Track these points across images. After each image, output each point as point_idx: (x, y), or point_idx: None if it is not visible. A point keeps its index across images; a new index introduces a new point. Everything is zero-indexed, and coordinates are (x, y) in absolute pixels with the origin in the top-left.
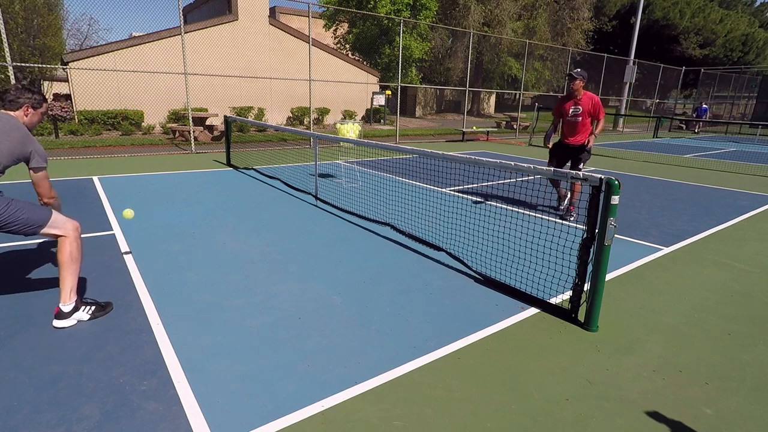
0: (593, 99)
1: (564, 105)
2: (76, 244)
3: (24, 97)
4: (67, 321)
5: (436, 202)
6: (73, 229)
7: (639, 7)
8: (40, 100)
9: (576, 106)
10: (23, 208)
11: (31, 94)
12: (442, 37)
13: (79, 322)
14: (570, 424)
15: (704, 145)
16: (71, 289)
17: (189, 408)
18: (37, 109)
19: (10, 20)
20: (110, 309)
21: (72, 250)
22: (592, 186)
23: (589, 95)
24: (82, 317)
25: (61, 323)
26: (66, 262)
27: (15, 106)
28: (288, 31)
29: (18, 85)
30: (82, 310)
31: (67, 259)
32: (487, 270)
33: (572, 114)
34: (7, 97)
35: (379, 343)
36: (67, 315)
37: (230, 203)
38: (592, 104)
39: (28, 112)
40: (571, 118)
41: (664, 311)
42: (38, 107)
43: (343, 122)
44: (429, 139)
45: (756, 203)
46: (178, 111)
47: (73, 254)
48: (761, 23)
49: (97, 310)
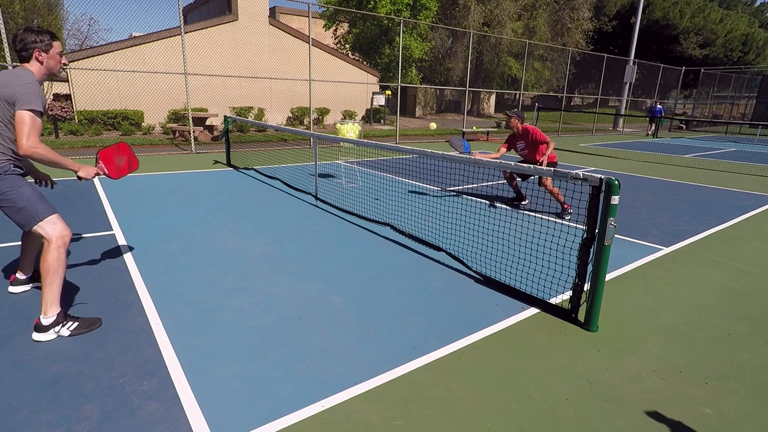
0: (528, 131)
1: (512, 142)
2: (57, 253)
3: (29, 42)
4: (45, 335)
5: (436, 202)
6: (58, 237)
7: (639, 7)
8: (47, 41)
9: (519, 142)
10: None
11: (35, 35)
12: (442, 37)
13: (59, 337)
14: (570, 424)
15: (704, 145)
16: (51, 301)
17: (189, 408)
18: (49, 50)
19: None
20: (97, 326)
21: (52, 259)
22: (592, 186)
23: (526, 129)
24: (62, 333)
25: (38, 336)
26: (46, 271)
27: (27, 56)
28: (288, 31)
29: (21, 30)
30: (63, 325)
31: (47, 267)
32: (487, 270)
33: (520, 149)
34: (17, 47)
35: (379, 343)
36: (45, 328)
37: (230, 203)
38: (531, 138)
39: (41, 58)
40: (520, 152)
41: (664, 311)
42: (49, 48)
43: (343, 122)
44: (429, 139)
45: (756, 203)
46: (178, 111)
47: (53, 264)
48: (761, 23)
49: (80, 327)
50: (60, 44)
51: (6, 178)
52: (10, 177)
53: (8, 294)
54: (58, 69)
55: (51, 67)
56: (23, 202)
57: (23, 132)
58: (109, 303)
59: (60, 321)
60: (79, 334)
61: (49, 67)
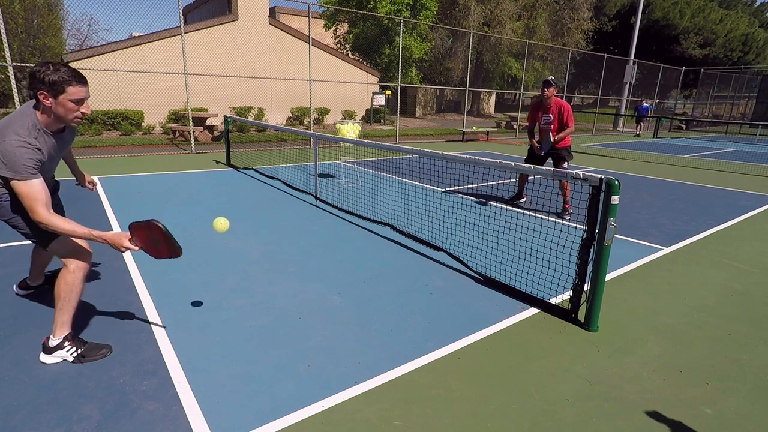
0: (561, 106)
1: (536, 113)
2: (71, 278)
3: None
4: (49, 357)
5: (436, 202)
6: (75, 263)
7: (639, 7)
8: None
9: (546, 115)
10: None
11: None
12: (442, 37)
13: (63, 361)
14: (570, 424)
15: (704, 145)
16: (60, 324)
17: (189, 408)
18: (59, 96)
19: (10, 20)
20: (103, 354)
21: (65, 284)
22: (592, 186)
23: (558, 102)
24: (66, 357)
25: (45, 358)
26: (58, 294)
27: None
28: (288, 31)
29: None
30: (66, 350)
31: (59, 291)
32: (487, 270)
33: (544, 123)
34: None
35: (379, 343)
36: (50, 350)
37: (230, 203)
38: (559, 112)
39: (47, 102)
40: (543, 126)
41: (664, 311)
42: (58, 94)
43: (343, 122)
44: (429, 139)
45: (756, 203)
46: (178, 111)
47: (64, 288)
48: (761, 23)
49: (86, 353)
50: (81, 90)
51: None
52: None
53: (8, 294)
54: (72, 120)
55: (60, 115)
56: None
57: (27, 207)
58: (109, 303)
59: (64, 345)
60: (82, 363)
61: (58, 114)
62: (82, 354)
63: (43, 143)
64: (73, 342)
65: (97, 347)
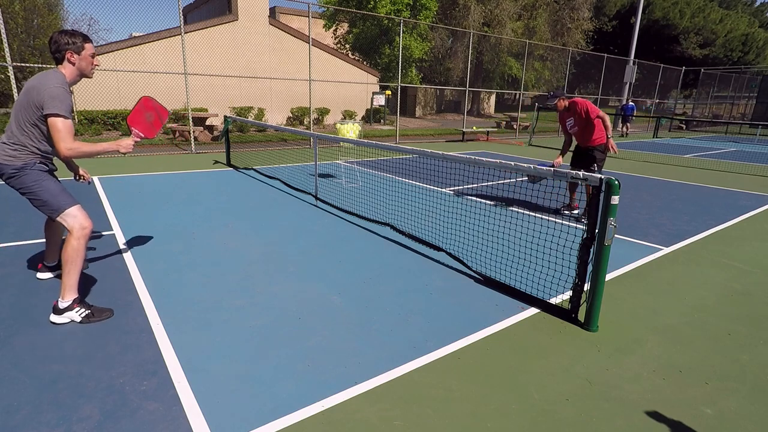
0: (584, 105)
1: (563, 120)
2: (76, 243)
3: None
4: (60, 317)
5: (436, 202)
6: (79, 228)
7: (639, 7)
8: (80, 43)
9: (569, 119)
10: (47, 190)
11: (68, 37)
12: (442, 37)
13: (71, 321)
14: (570, 424)
15: (704, 145)
16: (68, 287)
17: (189, 408)
18: (81, 52)
19: (10, 20)
20: (107, 315)
21: (71, 250)
22: (592, 186)
23: (574, 103)
24: (74, 318)
25: (55, 318)
26: (65, 259)
27: (60, 57)
28: (288, 31)
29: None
30: (75, 311)
31: (66, 256)
32: (487, 270)
33: (570, 127)
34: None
35: (379, 343)
36: (61, 311)
37: (230, 203)
38: (581, 113)
39: (73, 59)
40: (571, 131)
41: (664, 311)
42: (81, 50)
43: (343, 122)
44: (429, 139)
45: (756, 203)
46: (178, 111)
47: (71, 254)
48: (761, 23)
49: (91, 315)
50: (92, 46)
51: (30, 173)
52: (34, 172)
53: (8, 294)
54: (90, 70)
55: (83, 68)
56: (46, 196)
57: (58, 138)
58: (109, 303)
59: (73, 307)
60: (90, 323)
61: (81, 68)
62: (89, 315)
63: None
64: (81, 305)
65: (101, 310)
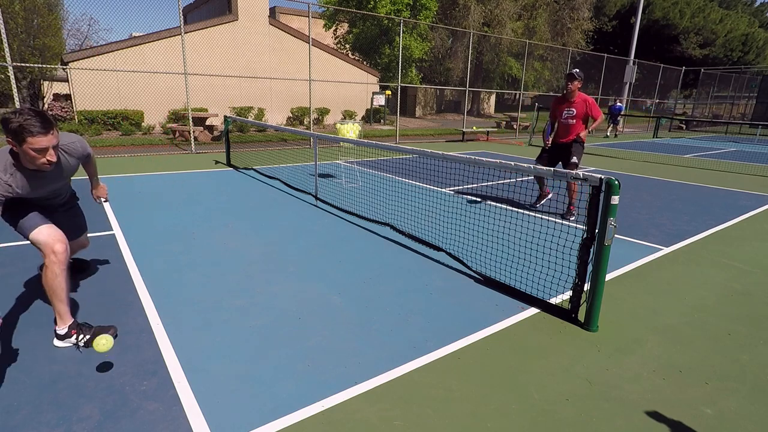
0: (587, 101)
1: (558, 106)
2: (50, 274)
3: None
4: (62, 342)
5: (436, 202)
6: (49, 253)
7: (639, 7)
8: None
9: (569, 109)
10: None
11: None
12: (442, 37)
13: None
14: (570, 424)
15: (704, 145)
16: (60, 316)
17: (189, 408)
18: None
19: (10, 20)
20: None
21: (46, 279)
22: (592, 186)
23: (583, 97)
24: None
25: (57, 343)
26: (44, 286)
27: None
28: (288, 31)
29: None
30: (75, 337)
31: (44, 286)
32: (487, 270)
33: (565, 116)
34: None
35: (379, 343)
36: (62, 337)
37: (230, 203)
38: (586, 106)
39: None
40: (564, 120)
41: (664, 311)
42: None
43: (343, 122)
44: (429, 139)
45: (756, 203)
46: (178, 111)
47: (47, 283)
48: (761, 23)
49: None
50: (42, 140)
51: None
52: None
53: (8, 294)
54: (39, 166)
55: (26, 161)
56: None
57: None
58: (109, 303)
59: (72, 333)
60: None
61: (24, 160)
62: (89, 341)
63: (18, 179)
64: (79, 330)
65: (102, 329)
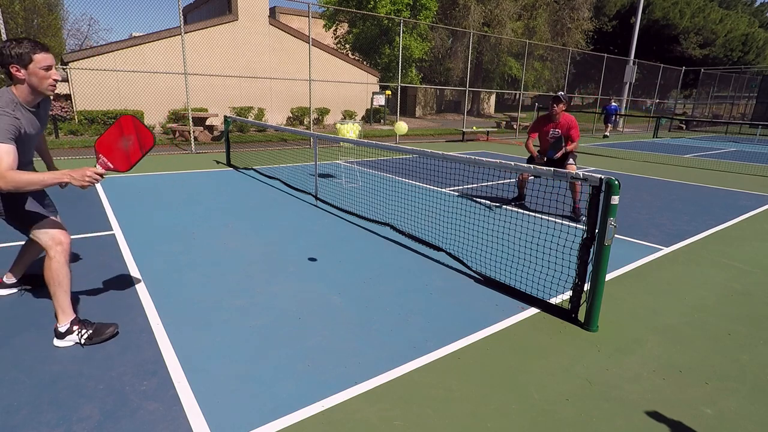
0: (570, 122)
1: (544, 127)
2: (56, 264)
3: (5, 57)
4: (63, 341)
5: (436, 202)
6: (54, 245)
7: (639, 7)
8: (26, 55)
9: (555, 129)
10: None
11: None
12: (442, 37)
13: (75, 344)
14: (570, 424)
15: (704, 145)
16: (61, 311)
17: (189, 408)
18: (29, 65)
19: (10, 20)
20: (110, 332)
21: (50, 271)
22: (592, 186)
23: (567, 118)
24: (76, 340)
25: (57, 342)
26: (47, 282)
27: (6, 73)
28: (288, 31)
29: (4, 41)
30: (76, 334)
31: (48, 279)
32: (487, 270)
33: (551, 136)
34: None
35: (379, 343)
36: (62, 335)
37: (230, 203)
38: (567, 127)
39: (20, 74)
40: (549, 138)
41: (664, 311)
42: (28, 63)
43: (343, 122)
44: (429, 139)
45: (756, 203)
46: (178, 111)
47: (52, 275)
48: (761, 23)
49: (94, 335)
50: (47, 57)
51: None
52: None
53: (8, 294)
54: (46, 87)
55: (34, 84)
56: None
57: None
58: (109, 303)
59: (74, 329)
60: (93, 344)
61: (32, 84)
62: (90, 336)
63: (21, 116)
64: (81, 325)
65: (104, 326)
